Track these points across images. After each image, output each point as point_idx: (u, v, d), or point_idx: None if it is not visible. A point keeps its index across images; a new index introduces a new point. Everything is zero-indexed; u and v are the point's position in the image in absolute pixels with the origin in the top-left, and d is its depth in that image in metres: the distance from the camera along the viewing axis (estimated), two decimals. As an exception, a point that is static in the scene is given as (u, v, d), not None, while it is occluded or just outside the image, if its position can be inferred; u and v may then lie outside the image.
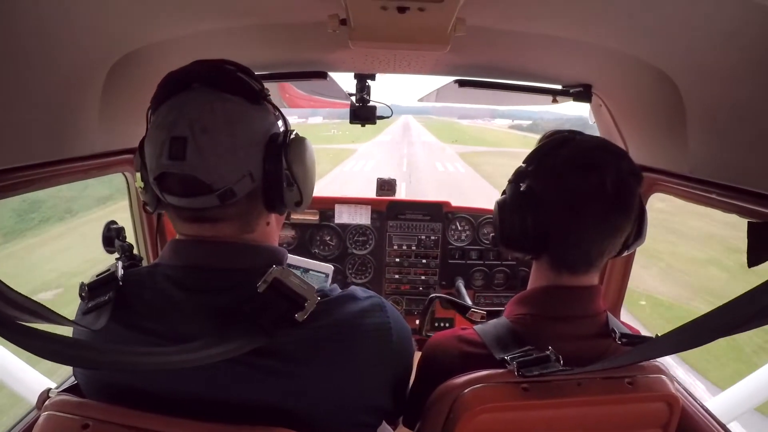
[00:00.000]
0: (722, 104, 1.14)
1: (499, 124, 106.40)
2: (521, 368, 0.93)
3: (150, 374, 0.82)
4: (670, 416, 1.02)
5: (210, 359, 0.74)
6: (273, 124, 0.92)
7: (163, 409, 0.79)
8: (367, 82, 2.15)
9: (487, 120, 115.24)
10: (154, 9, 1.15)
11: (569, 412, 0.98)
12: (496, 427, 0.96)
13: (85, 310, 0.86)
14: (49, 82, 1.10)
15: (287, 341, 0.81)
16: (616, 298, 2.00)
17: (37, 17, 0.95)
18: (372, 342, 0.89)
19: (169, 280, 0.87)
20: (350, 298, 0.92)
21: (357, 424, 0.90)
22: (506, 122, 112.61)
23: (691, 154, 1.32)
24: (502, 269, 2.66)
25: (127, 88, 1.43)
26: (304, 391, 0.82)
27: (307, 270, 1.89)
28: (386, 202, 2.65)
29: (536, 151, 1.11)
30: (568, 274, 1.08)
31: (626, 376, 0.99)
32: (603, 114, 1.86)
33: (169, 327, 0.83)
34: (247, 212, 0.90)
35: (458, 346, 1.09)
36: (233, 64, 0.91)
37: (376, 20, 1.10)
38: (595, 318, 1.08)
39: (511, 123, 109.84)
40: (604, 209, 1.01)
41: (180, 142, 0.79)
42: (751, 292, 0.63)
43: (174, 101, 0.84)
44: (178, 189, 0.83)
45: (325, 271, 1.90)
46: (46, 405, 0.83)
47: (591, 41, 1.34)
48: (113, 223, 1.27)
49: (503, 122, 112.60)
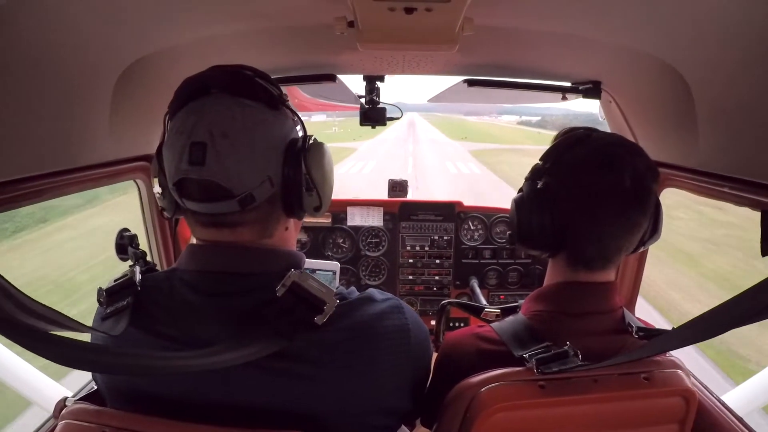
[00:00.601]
0: (731, 97, 1.13)
1: (506, 121, 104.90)
2: (540, 365, 0.92)
3: (169, 379, 0.82)
4: (686, 411, 1.01)
5: (230, 363, 0.74)
6: (292, 129, 0.92)
7: (182, 414, 0.80)
8: (376, 84, 2.15)
9: (494, 116, 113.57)
10: (162, 15, 1.16)
11: (586, 409, 0.97)
12: (513, 425, 0.96)
13: (104, 316, 0.86)
14: (58, 91, 1.10)
15: (306, 344, 0.81)
16: (630, 294, 1.99)
17: (45, 26, 0.95)
18: (391, 344, 0.89)
19: (187, 285, 0.87)
20: (368, 300, 0.91)
21: (376, 426, 0.90)
22: (513, 119, 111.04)
23: (702, 148, 1.31)
24: (516, 267, 2.65)
25: (136, 95, 1.44)
26: (324, 395, 0.82)
27: (314, 270, 1.89)
28: (398, 203, 2.65)
29: (553, 148, 1.11)
30: (584, 270, 1.08)
31: (642, 371, 0.98)
32: (613, 110, 1.86)
33: (187, 332, 0.83)
34: (266, 217, 0.90)
35: (476, 344, 1.09)
36: (251, 70, 0.91)
37: (383, 22, 1.10)
38: (612, 314, 1.08)
39: (519, 119, 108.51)
40: (622, 206, 1.01)
41: (200, 148, 0.79)
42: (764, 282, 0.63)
43: (193, 107, 0.84)
44: (198, 194, 0.83)
45: (331, 269, 1.89)
46: (63, 414, 0.83)
47: (599, 38, 1.34)
48: (126, 230, 1.24)
49: (510, 119, 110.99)
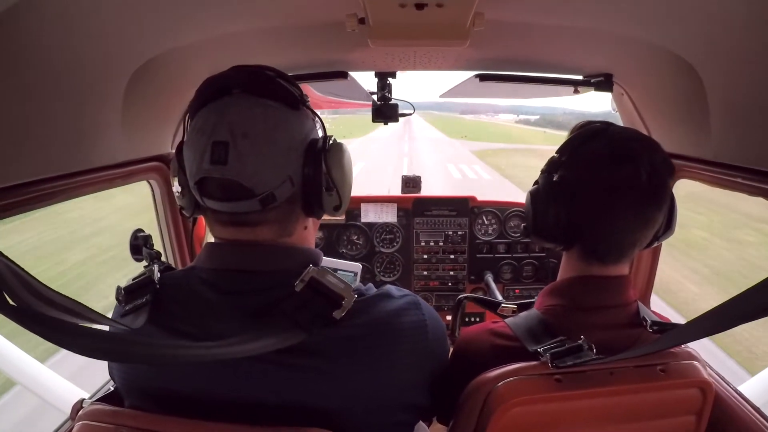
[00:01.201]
0: (743, 88, 1.13)
1: (504, 119, 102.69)
2: (555, 359, 0.92)
3: (183, 374, 0.83)
4: (703, 402, 1.01)
5: (248, 353, 0.75)
6: (312, 130, 0.93)
7: (197, 410, 0.80)
8: (388, 80, 2.15)
9: (490, 115, 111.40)
10: (174, 15, 1.16)
11: (602, 402, 0.97)
12: (529, 419, 0.96)
13: (123, 313, 0.87)
14: (70, 93, 1.11)
15: (324, 340, 0.82)
16: (645, 287, 1.98)
17: (58, 27, 0.96)
18: (409, 340, 0.89)
19: (205, 283, 0.88)
20: (386, 296, 0.92)
21: (394, 422, 0.91)
22: (511, 117, 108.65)
23: (715, 139, 1.30)
24: (531, 261, 2.64)
25: (149, 95, 1.44)
26: (341, 390, 0.83)
27: (336, 270, 1.90)
28: (412, 199, 2.65)
29: (569, 141, 1.11)
30: (598, 264, 1.07)
31: (658, 363, 0.98)
32: (625, 103, 1.84)
33: (205, 329, 0.84)
34: (286, 216, 0.91)
35: (490, 340, 1.09)
36: (272, 70, 0.91)
37: (394, 18, 1.10)
38: (626, 307, 1.07)
39: (517, 118, 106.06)
40: (638, 200, 1.01)
41: (222, 147, 0.80)
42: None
43: (214, 106, 0.84)
44: (219, 194, 0.84)
45: (354, 270, 1.90)
46: (80, 415, 0.84)
47: (610, 30, 1.33)
48: (140, 231, 1.23)
49: (508, 117, 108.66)
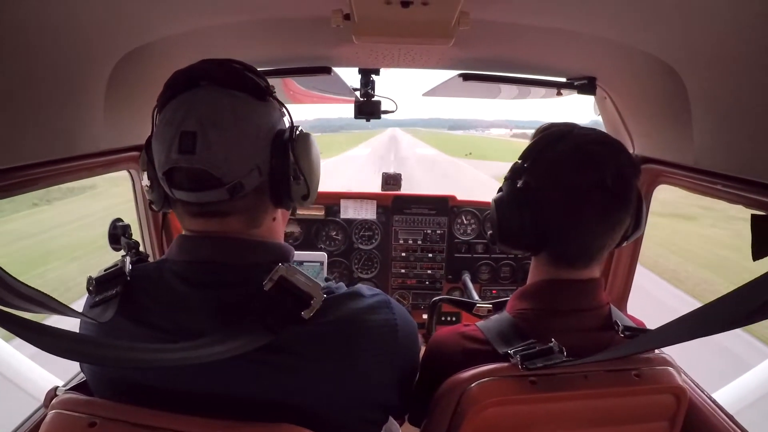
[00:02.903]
0: (726, 94, 1.13)
1: (497, 134, 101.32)
2: (525, 361, 0.92)
3: (157, 370, 0.82)
4: (677, 408, 1.02)
5: (216, 356, 0.75)
6: (279, 120, 0.94)
7: (170, 405, 0.80)
8: (371, 77, 2.14)
9: (480, 130, 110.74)
10: (159, 5, 1.15)
11: (576, 405, 0.98)
12: (503, 421, 0.96)
13: (93, 304, 0.88)
14: (53, 80, 1.10)
15: (293, 338, 0.82)
16: (622, 290, 2.00)
17: (41, 16, 0.95)
18: (378, 339, 0.89)
19: (176, 276, 0.88)
20: (356, 295, 0.92)
21: (364, 420, 0.91)
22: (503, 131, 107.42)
23: (696, 145, 1.31)
24: (509, 262, 2.66)
25: (131, 84, 1.43)
26: (311, 388, 0.83)
27: (302, 262, 1.88)
28: (392, 196, 2.65)
29: (533, 146, 1.09)
30: (567, 268, 1.07)
31: (633, 368, 0.99)
32: (608, 106, 1.86)
33: (175, 322, 0.84)
34: (254, 206, 0.91)
35: (461, 343, 1.09)
36: (239, 63, 0.92)
37: (379, 14, 1.10)
38: (598, 311, 1.08)
39: (511, 132, 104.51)
40: (603, 204, 1.00)
41: (190, 137, 0.80)
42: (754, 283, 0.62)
43: (182, 98, 0.85)
44: (188, 183, 0.84)
45: (319, 260, 1.89)
46: (53, 403, 0.83)
47: (594, 33, 1.33)
48: (119, 220, 1.24)
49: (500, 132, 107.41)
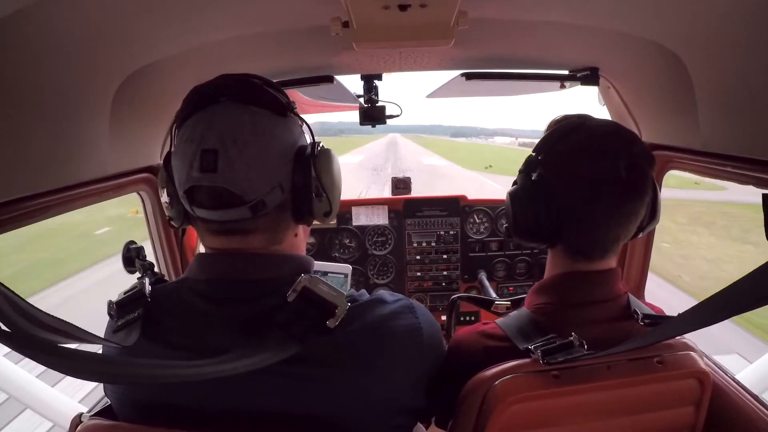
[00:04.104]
0: (730, 77, 1.13)
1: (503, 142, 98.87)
2: (545, 356, 0.92)
3: (183, 389, 0.82)
4: (701, 392, 1.01)
5: (242, 369, 0.75)
6: (300, 136, 0.93)
7: (198, 424, 0.80)
8: (374, 83, 2.15)
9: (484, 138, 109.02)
10: (160, 25, 1.16)
11: (600, 396, 0.97)
12: (529, 416, 0.96)
13: (115, 329, 0.86)
14: (56, 107, 1.10)
15: (319, 348, 0.82)
16: (638, 279, 1.98)
17: (42, 41, 0.94)
18: (403, 344, 0.89)
19: (197, 294, 0.87)
20: (379, 302, 0.92)
21: (392, 426, 0.90)
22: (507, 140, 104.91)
23: (703, 128, 1.31)
24: (524, 258, 2.65)
25: (135, 105, 1.43)
26: (339, 397, 0.82)
27: (326, 273, 1.89)
28: (402, 200, 2.65)
29: (546, 139, 1.09)
30: (584, 260, 1.07)
31: (655, 355, 0.98)
32: (612, 96, 1.85)
33: (199, 341, 0.84)
34: (276, 224, 0.91)
35: (481, 341, 1.09)
36: (258, 78, 0.92)
37: (378, 20, 1.10)
38: (616, 301, 1.07)
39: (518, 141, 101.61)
40: (618, 195, 1.00)
41: (211, 155, 0.80)
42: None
43: (202, 115, 0.84)
44: (209, 202, 0.84)
45: (343, 272, 1.89)
46: (79, 430, 0.83)
47: (594, 23, 1.33)
48: (132, 243, 1.23)
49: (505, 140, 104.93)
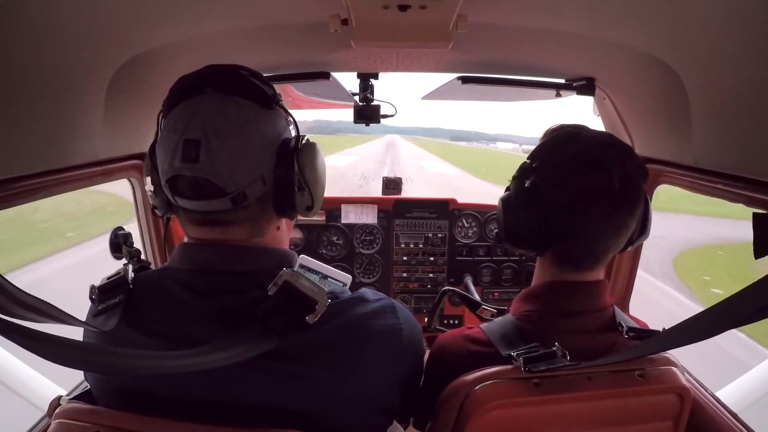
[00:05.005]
0: (725, 93, 1.13)
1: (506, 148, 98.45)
2: (527, 364, 0.92)
3: (161, 378, 0.82)
4: (681, 408, 1.02)
5: (220, 363, 0.74)
6: (285, 129, 0.93)
7: (174, 413, 0.79)
8: (370, 82, 2.15)
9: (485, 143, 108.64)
10: (157, 13, 1.15)
11: (580, 407, 0.98)
12: (507, 423, 0.95)
13: (95, 313, 0.87)
14: (52, 90, 1.10)
15: (298, 344, 0.81)
16: (624, 291, 2.00)
17: (40, 25, 0.94)
18: (382, 343, 0.89)
19: (179, 283, 0.87)
20: (361, 300, 0.91)
21: (367, 424, 0.90)
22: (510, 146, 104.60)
23: (696, 144, 1.31)
24: (510, 265, 2.65)
25: (131, 93, 1.43)
26: (315, 393, 0.82)
27: (326, 277, 1.89)
28: (392, 200, 2.64)
29: (541, 147, 1.09)
30: (572, 270, 1.07)
31: (637, 368, 0.98)
32: (607, 107, 1.86)
33: (178, 330, 0.83)
34: (258, 216, 0.90)
35: (465, 346, 1.09)
36: (246, 69, 0.91)
37: (377, 19, 1.10)
38: (602, 312, 1.08)
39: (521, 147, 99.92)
40: (610, 207, 1.00)
41: (193, 145, 0.79)
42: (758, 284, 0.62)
43: (186, 105, 0.84)
44: (191, 192, 0.83)
45: (343, 281, 1.89)
46: (57, 412, 0.82)
47: (593, 34, 1.34)
48: (120, 229, 1.24)
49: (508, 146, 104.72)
